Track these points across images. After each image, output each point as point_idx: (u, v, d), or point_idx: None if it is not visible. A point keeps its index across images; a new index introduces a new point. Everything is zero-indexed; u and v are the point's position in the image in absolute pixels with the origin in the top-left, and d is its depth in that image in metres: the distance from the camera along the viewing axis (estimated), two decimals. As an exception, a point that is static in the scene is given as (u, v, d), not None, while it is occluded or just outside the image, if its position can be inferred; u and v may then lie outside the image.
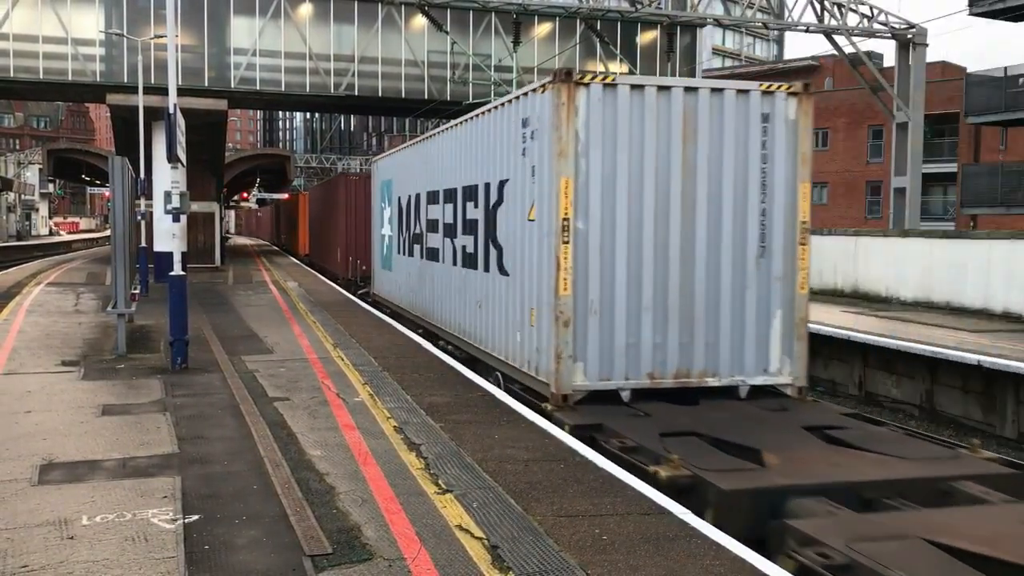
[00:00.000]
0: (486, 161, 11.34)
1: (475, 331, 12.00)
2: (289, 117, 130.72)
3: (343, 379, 10.85)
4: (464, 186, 12.34)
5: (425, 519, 5.89)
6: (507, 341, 10.58)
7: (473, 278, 12.04)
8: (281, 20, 32.97)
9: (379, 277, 20.02)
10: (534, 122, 9.60)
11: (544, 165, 9.30)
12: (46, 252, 52.14)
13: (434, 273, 14.32)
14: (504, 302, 10.71)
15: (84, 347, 13.35)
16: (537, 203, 9.51)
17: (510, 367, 10.45)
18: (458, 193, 12.65)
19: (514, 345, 10.31)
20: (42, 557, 5.20)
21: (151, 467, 7.10)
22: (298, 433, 8.18)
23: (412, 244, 16.06)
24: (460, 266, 12.69)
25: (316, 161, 75.93)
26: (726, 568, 5.15)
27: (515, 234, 10.29)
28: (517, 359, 10.24)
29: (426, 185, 14.78)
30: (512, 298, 10.42)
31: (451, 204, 13.06)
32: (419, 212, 15.41)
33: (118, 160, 14.07)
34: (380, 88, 34.27)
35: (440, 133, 13.98)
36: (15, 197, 75.64)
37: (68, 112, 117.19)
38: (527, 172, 9.82)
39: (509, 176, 10.44)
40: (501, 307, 10.84)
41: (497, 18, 34.03)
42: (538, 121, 9.46)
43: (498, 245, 10.91)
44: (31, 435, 8.06)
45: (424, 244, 15.05)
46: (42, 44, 31.20)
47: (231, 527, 5.74)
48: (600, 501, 6.30)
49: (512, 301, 10.41)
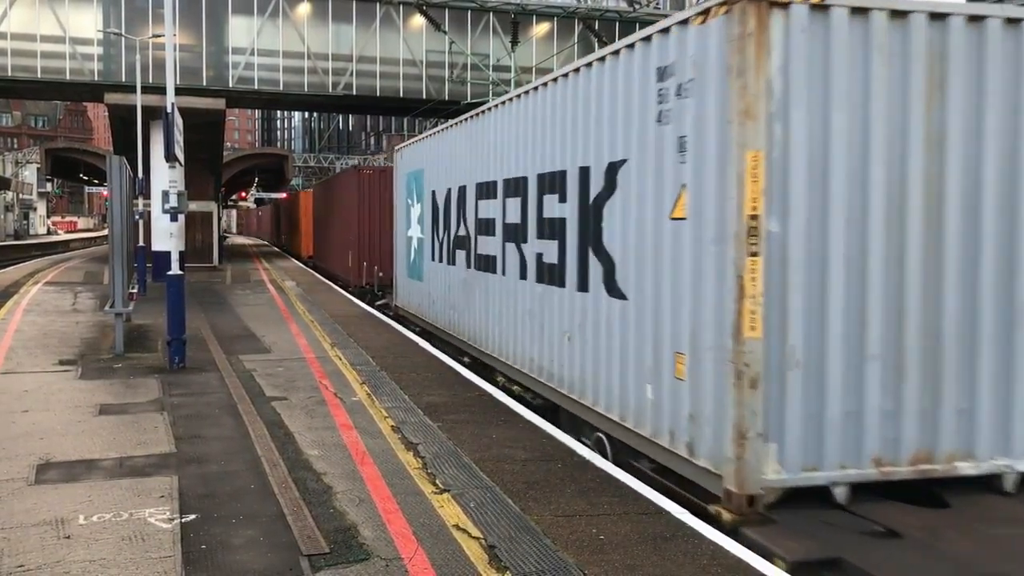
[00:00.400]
0: (582, 137, 8.37)
1: (560, 371, 8.89)
2: (287, 116, 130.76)
3: (341, 379, 10.85)
4: (541, 174, 9.44)
5: (422, 519, 5.88)
6: (623, 394, 7.58)
7: (557, 299, 8.97)
8: (279, 19, 32.94)
9: (405, 287, 16.71)
10: (684, 70, 6.61)
11: (708, 134, 6.32)
12: (44, 251, 52.10)
13: (488, 288, 11.26)
14: (618, 337, 7.67)
15: (82, 346, 13.34)
16: (693, 192, 6.51)
17: (628, 431, 7.43)
18: (529, 184, 9.77)
19: (639, 402, 7.27)
20: (39, 557, 5.19)
21: (148, 467, 7.09)
22: (295, 432, 8.17)
23: (454, 249, 12.95)
24: (533, 280, 9.71)
25: (314, 160, 75.89)
26: (723, 568, 5.15)
27: (640, 239, 7.31)
28: (645, 422, 7.16)
29: (475, 175, 11.77)
30: (634, 332, 7.39)
31: (517, 198, 10.18)
32: (463, 209, 12.39)
33: (116, 159, 14.05)
34: (378, 88, 34.26)
35: (496, 108, 11.10)
36: (13, 196, 75.60)
37: (66, 111, 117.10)
38: (667, 147, 6.83)
39: (628, 155, 7.52)
40: (611, 343, 7.79)
41: (495, 18, 34.04)
42: (694, 68, 6.46)
43: (605, 254, 7.93)
44: (28, 434, 8.05)
45: (472, 250, 11.99)
46: (40, 43, 31.16)
47: (228, 527, 5.73)
48: (597, 501, 6.30)
49: (634, 337, 7.40)
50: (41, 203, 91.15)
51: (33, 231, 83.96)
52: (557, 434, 8.20)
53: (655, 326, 7.05)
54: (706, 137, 6.36)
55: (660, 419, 6.91)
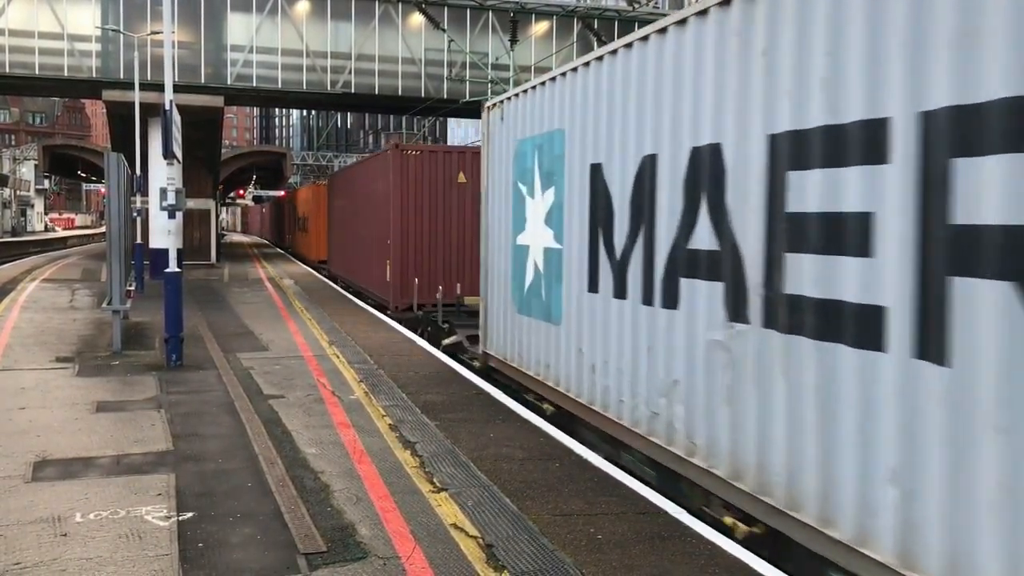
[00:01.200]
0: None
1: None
2: (286, 114, 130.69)
3: (338, 377, 10.84)
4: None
5: (420, 518, 5.88)
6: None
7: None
8: (278, 17, 32.90)
9: (508, 327, 10.51)
10: None
11: None
12: (41, 248, 52.02)
13: (835, 384, 4.89)
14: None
15: (79, 344, 13.32)
16: None
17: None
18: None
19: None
20: (35, 554, 5.18)
21: (145, 464, 7.08)
22: (293, 431, 8.16)
23: (673, 276, 6.67)
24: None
25: (313, 158, 75.86)
26: (721, 568, 5.15)
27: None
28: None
29: (780, 115, 5.39)
30: None
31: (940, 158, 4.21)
32: (716, 193, 6.07)
33: (114, 156, 14.03)
34: (377, 86, 34.22)
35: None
36: (10, 193, 75.49)
37: (64, 108, 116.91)
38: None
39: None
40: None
41: (494, 16, 34.00)
42: None
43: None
44: (25, 432, 8.04)
45: (751, 283, 5.67)
46: (38, 39, 31.10)
47: (225, 525, 5.73)
48: (595, 500, 6.29)
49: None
50: (39, 200, 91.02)
51: (30, 228, 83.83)
52: (555, 433, 8.20)
53: None
54: None
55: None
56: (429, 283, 17.16)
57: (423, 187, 17.46)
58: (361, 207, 22.02)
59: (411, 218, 17.42)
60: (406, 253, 17.45)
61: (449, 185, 17.46)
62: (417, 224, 17.43)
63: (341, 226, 26.06)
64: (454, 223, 17.42)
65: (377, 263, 19.12)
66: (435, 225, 17.44)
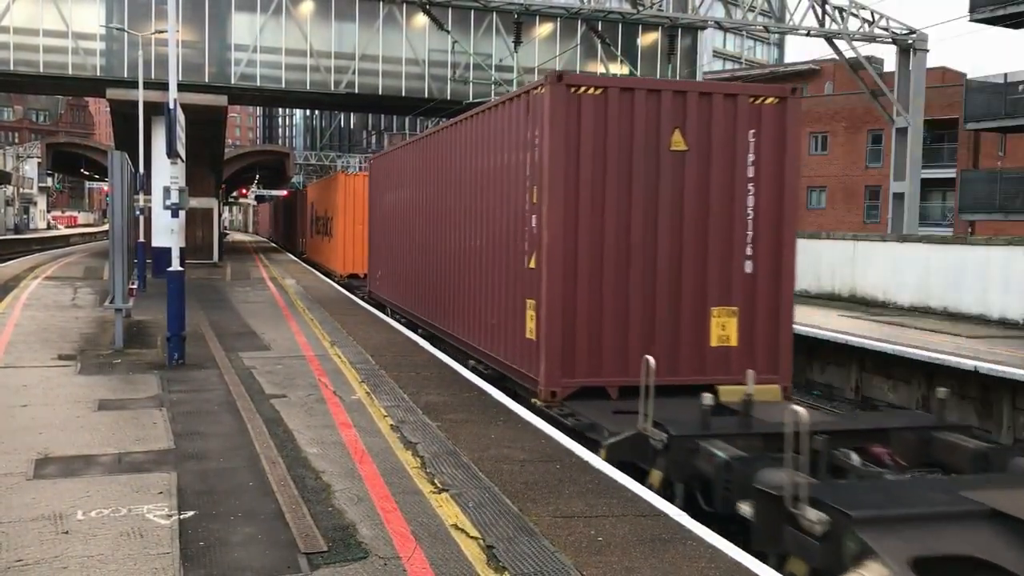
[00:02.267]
0: None
1: None
2: (289, 114, 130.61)
3: (340, 377, 10.85)
4: None
5: (421, 518, 5.88)
6: None
7: None
8: (282, 17, 32.94)
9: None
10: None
11: None
12: (44, 246, 52.07)
13: None
14: None
15: (81, 342, 13.33)
16: None
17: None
18: None
19: None
20: (37, 551, 5.19)
21: (147, 463, 7.09)
22: (294, 430, 8.17)
23: None
24: None
25: (315, 158, 75.93)
26: (721, 570, 5.15)
27: None
28: None
29: None
30: None
31: None
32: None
33: (117, 155, 14.05)
34: (380, 86, 34.25)
35: None
36: (13, 191, 75.56)
37: (68, 106, 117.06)
38: None
39: None
40: None
41: (498, 18, 34.02)
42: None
43: None
44: (27, 429, 8.05)
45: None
46: (42, 37, 31.16)
47: (226, 524, 5.73)
48: (596, 502, 6.30)
49: None
50: (41, 198, 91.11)
51: (33, 226, 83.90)
52: (556, 435, 8.20)
53: None
54: None
55: None
56: (622, 345, 9.22)
57: (605, 156, 9.19)
58: (455, 199, 12.78)
59: (582, 216, 9.17)
60: (570, 284, 9.14)
61: (652, 153, 9.27)
62: (593, 227, 9.19)
63: (399, 231, 16.87)
64: (664, 225, 9.29)
65: (495, 301, 10.78)
66: (629, 231, 9.24)
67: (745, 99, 9.36)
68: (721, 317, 9.33)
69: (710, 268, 9.32)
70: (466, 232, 12.15)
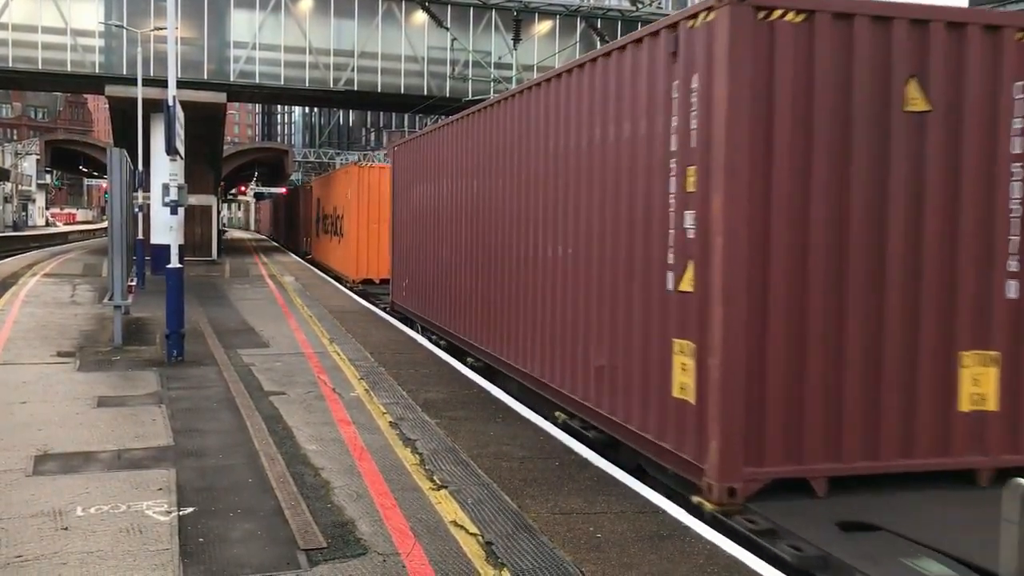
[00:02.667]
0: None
1: None
2: (288, 111, 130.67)
3: (339, 374, 10.86)
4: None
5: (420, 515, 5.89)
6: None
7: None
8: (281, 14, 32.94)
9: None
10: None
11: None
12: (42, 243, 52.02)
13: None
14: None
15: (80, 339, 13.33)
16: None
17: None
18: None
19: None
20: (36, 547, 5.20)
21: (146, 459, 7.10)
22: (293, 427, 8.18)
23: None
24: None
25: (314, 156, 75.90)
26: (719, 567, 5.16)
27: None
28: None
29: None
30: None
31: None
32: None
33: (116, 152, 14.04)
34: (379, 83, 34.27)
35: None
36: (12, 188, 75.47)
37: (66, 103, 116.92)
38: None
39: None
40: None
41: (498, 15, 34.05)
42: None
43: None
44: (26, 425, 8.06)
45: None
46: (41, 34, 31.17)
47: (226, 520, 5.74)
48: (594, 499, 6.31)
49: None
50: (40, 195, 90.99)
51: (32, 223, 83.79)
52: (555, 432, 8.21)
53: None
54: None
55: None
56: (834, 412, 6.15)
57: (809, 121, 6.03)
58: (518, 192, 9.92)
59: (775, 213, 6.02)
60: (757, 319, 6.00)
61: (879, 116, 6.17)
62: (793, 228, 6.05)
63: (435, 233, 13.94)
64: (895, 226, 6.21)
65: (604, 334, 7.71)
66: (844, 235, 6.13)
67: (1012, 33, 6.31)
68: (974, 367, 6.33)
69: (960, 292, 6.30)
70: (543, 235, 9.11)
